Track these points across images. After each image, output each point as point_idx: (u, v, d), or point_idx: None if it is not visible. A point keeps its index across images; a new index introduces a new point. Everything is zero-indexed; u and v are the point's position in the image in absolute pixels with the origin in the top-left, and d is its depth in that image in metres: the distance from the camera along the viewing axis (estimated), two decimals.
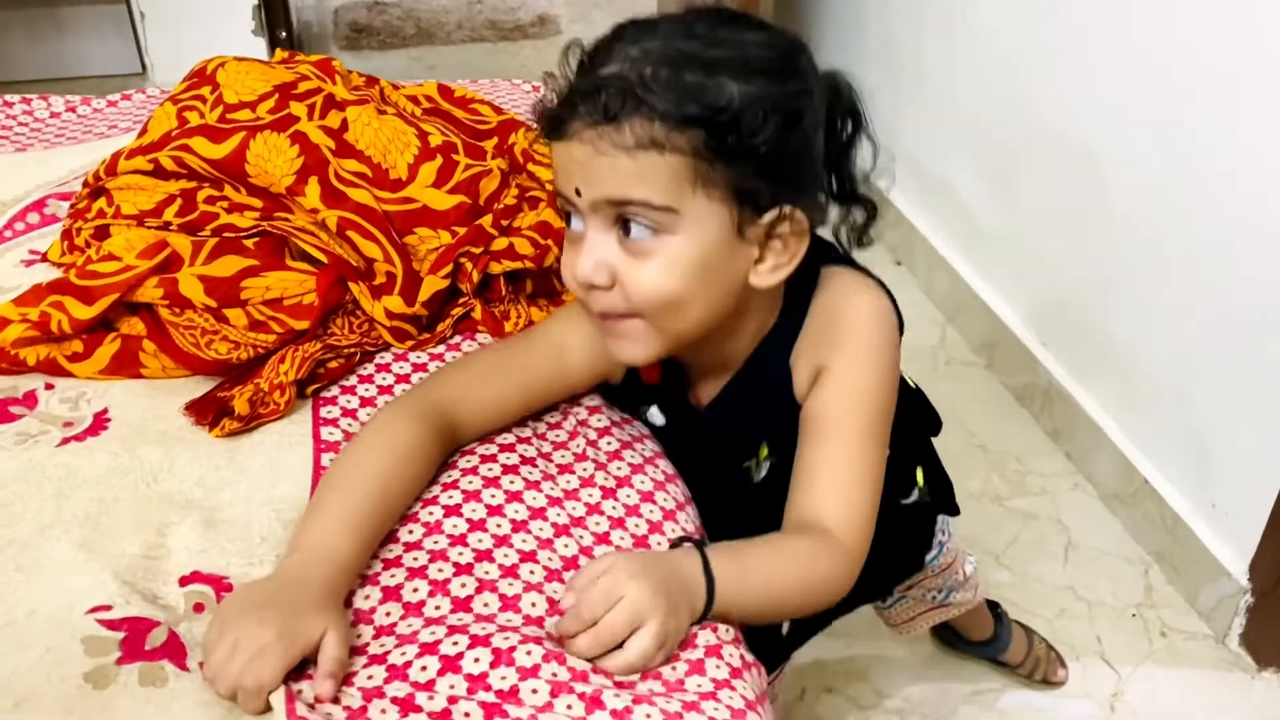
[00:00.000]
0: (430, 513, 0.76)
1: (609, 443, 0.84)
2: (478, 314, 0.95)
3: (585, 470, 0.81)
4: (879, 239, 0.84)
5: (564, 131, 0.70)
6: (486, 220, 0.99)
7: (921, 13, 2.05)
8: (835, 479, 0.76)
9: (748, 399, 0.83)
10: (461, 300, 0.96)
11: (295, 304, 0.89)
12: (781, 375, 0.80)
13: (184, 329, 0.87)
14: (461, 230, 0.98)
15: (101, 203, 0.98)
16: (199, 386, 0.87)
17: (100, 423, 0.82)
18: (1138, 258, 1.55)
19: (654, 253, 0.71)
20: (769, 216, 0.73)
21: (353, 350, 0.90)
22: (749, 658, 0.69)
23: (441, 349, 0.94)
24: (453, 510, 0.75)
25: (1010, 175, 1.86)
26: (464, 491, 0.77)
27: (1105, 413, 1.68)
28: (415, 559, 0.72)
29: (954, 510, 1.09)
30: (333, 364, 0.88)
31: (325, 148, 0.98)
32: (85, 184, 1.03)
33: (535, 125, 0.75)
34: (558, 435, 0.85)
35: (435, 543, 0.73)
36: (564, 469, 0.81)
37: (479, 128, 1.14)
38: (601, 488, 0.79)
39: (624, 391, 0.89)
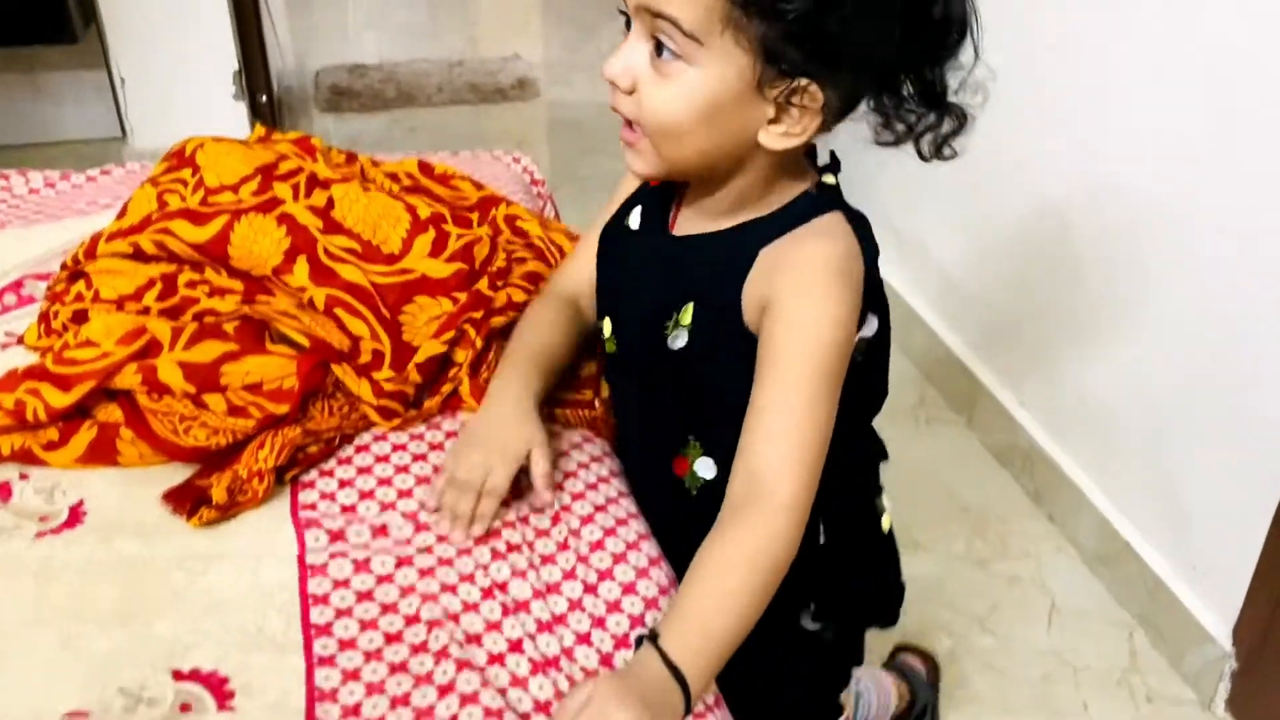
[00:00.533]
0: (410, 604, 0.75)
1: (592, 531, 0.84)
2: (465, 389, 0.95)
3: (567, 562, 0.81)
4: None
5: None
6: (483, 284, 1.00)
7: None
8: (781, 428, 0.75)
9: (705, 257, 0.84)
10: (451, 374, 0.97)
11: (275, 388, 0.89)
12: (743, 262, 0.81)
13: (162, 415, 0.87)
14: (462, 296, 0.98)
15: (80, 285, 0.98)
16: (176, 474, 0.86)
17: (76, 515, 0.81)
18: (1111, 318, 1.57)
19: (673, 76, 0.75)
20: (789, 83, 0.74)
21: (332, 434, 0.89)
22: None
23: (422, 428, 0.93)
24: (430, 597, 0.75)
25: (985, 233, 1.88)
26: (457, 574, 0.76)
27: (1085, 474, 1.69)
28: (396, 652, 0.71)
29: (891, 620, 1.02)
30: (312, 449, 0.88)
31: (313, 227, 0.98)
32: (64, 266, 1.03)
33: None
34: (540, 522, 0.85)
35: (416, 635, 0.73)
36: (546, 559, 0.81)
37: (460, 204, 1.15)
38: (584, 582, 0.79)
39: (624, 207, 0.94)
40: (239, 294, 0.95)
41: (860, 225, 0.83)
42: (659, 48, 0.75)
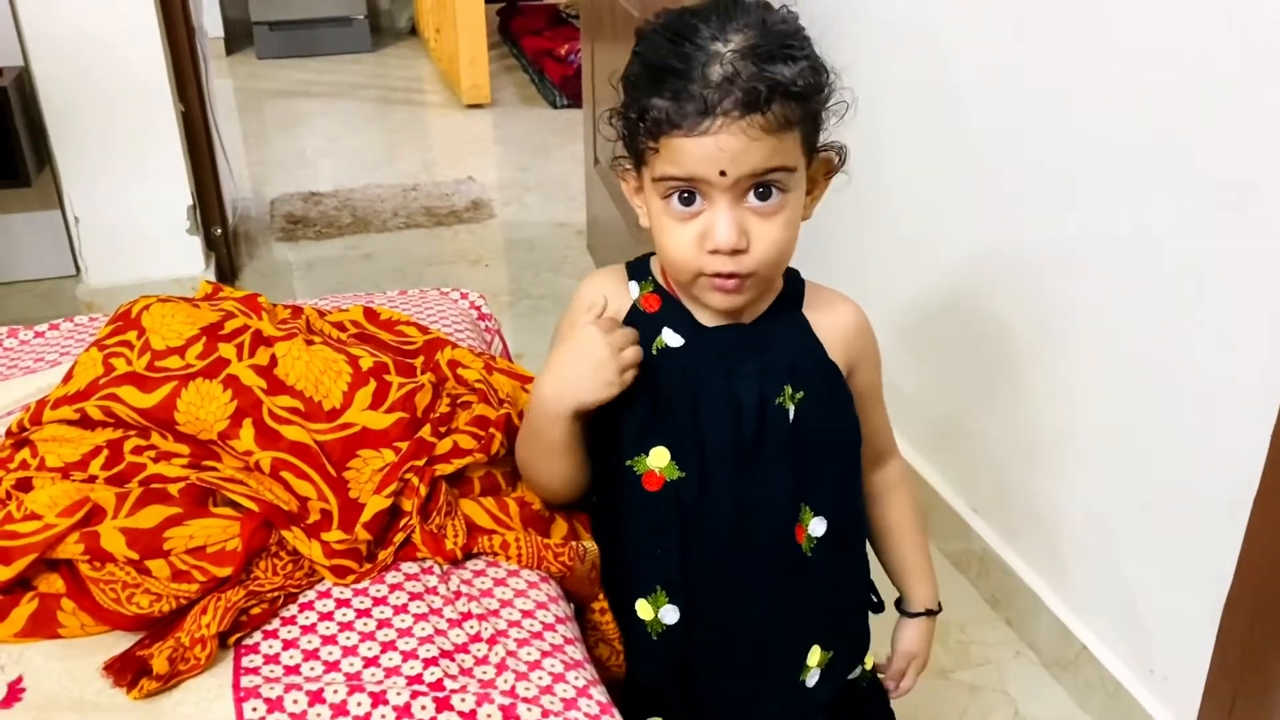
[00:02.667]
0: None
1: (540, 677, 0.84)
2: (417, 536, 0.96)
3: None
4: None
5: (706, 128, 0.81)
6: (425, 431, 1.01)
7: (833, 199, 2.16)
8: (885, 416, 1.09)
9: (776, 336, 0.96)
10: (402, 524, 0.97)
11: (218, 550, 0.89)
12: (806, 331, 0.97)
13: (104, 584, 0.87)
14: (404, 446, 1.00)
15: (25, 453, 0.98)
16: (119, 643, 0.86)
17: (14, 693, 0.80)
18: (1057, 421, 1.61)
19: (781, 209, 0.86)
20: (818, 157, 0.90)
21: (276, 594, 0.90)
22: None
23: (366, 583, 0.94)
24: None
25: (928, 342, 1.93)
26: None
27: (1040, 578, 1.71)
28: None
29: None
30: (255, 610, 0.88)
31: (257, 388, 1.00)
32: (9, 433, 1.03)
33: (647, 122, 0.84)
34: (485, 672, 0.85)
35: None
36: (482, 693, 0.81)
37: (405, 348, 1.17)
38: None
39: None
40: (186, 458, 0.96)
41: None
42: (763, 196, 0.85)
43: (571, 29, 4.93)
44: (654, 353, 0.95)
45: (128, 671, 0.82)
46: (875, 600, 1.11)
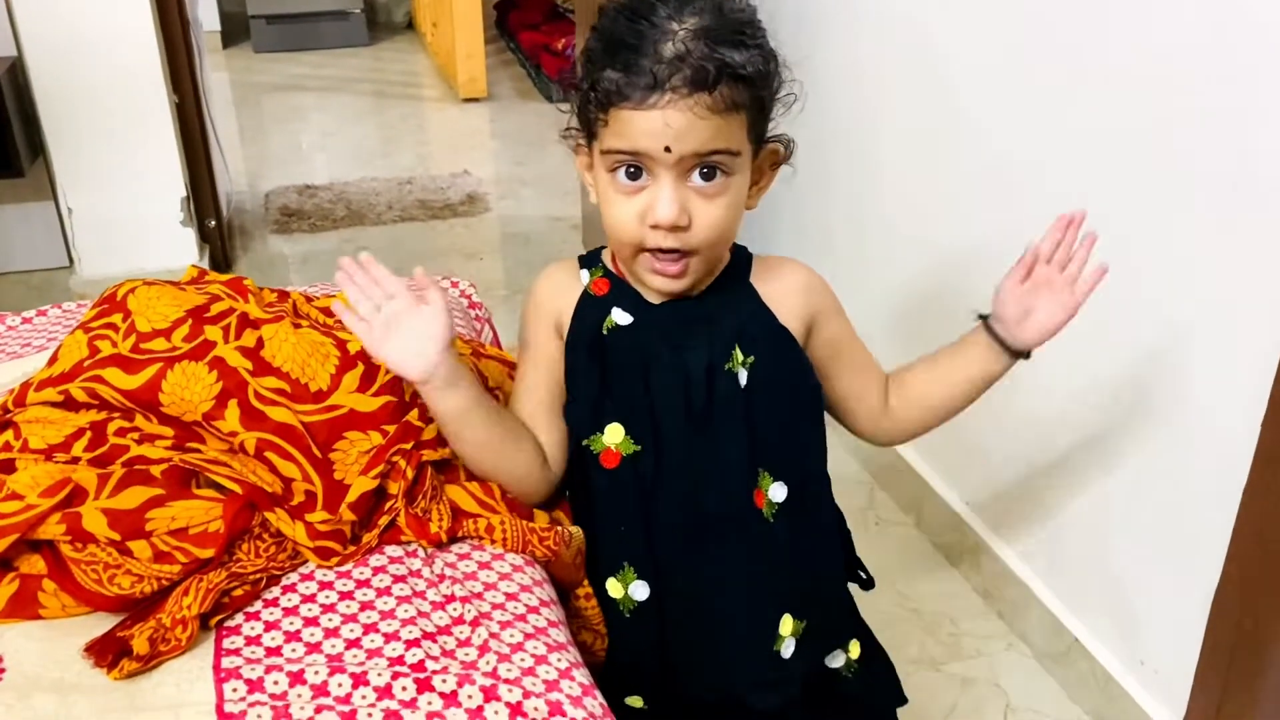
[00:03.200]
0: None
1: (523, 659, 0.83)
2: (402, 519, 0.96)
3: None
4: None
5: (654, 102, 0.83)
6: (413, 415, 1.01)
7: (828, 197, 2.16)
8: (871, 359, 1.09)
9: (723, 307, 0.98)
10: (387, 506, 0.97)
11: (200, 532, 0.89)
12: (755, 301, 0.99)
13: (86, 565, 0.86)
14: (391, 429, 0.99)
15: (9, 435, 0.98)
16: (99, 623, 0.85)
17: None
18: (1050, 415, 1.60)
19: (723, 191, 0.89)
20: (766, 148, 0.92)
21: (259, 576, 0.89)
22: None
23: (350, 565, 0.93)
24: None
25: (923, 334, 1.91)
26: None
27: (1032, 571, 1.71)
28: None
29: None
30: (237, 592, 0.88)
31: (243, 369, 1.00)
32: None
33: (597, 94, 0.87)
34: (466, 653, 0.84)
35: None
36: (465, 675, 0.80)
37: None
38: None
39: (583, 321, 0.99)
40: (169, 439, 0.95)
41: None
42: (707, 177, 0.87)
43: (569, 23, 4.92)
44: (604, 332, 0.97)
45: (108, 652, 0.81)
46: (864, 577, 1.11)
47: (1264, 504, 1.24)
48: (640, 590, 0.97)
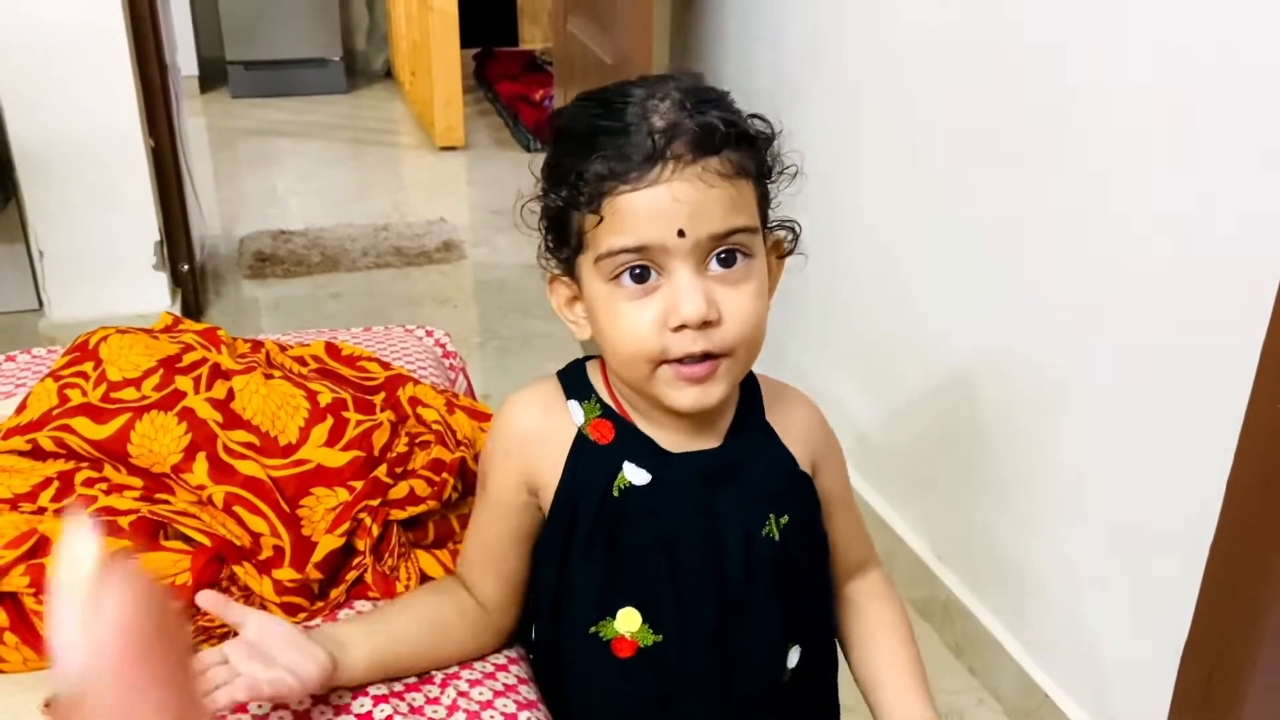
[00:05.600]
0: None
1: (481, 692, 0.83)
2: (369, 576, 0.95)
3: None
4: None
5: (656, 176, 0.72)
6: (381, 470, 1.00)
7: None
8: (859, 521, 0.97)
9: (748, 455, 0.85)
10: (355, 562, 0.96)
11: (168, 584, 0.88)
12: (769, 435, 0.86)
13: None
14: (358, 485, 0.99)
15: None
16: None
17: None
18: (1019, 470, 1.62)
19: (747, 277, 0.76)
20: (773, 236, 0.82)
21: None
22: None
23: (319, 620, 0.92)
24: None
25: (893, 387, 1.94)
26: None
27: (1003, 626, 1.71)
28: None
29: None
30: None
31: (213, 421, 0.99)
32: None
33: (585, 188, 0.74)
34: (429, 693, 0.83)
35: None
36: None
37: (366, 385, 1.16)
38: None
39: (580, 477, 0.82)
40: (138, 490, 0.94)
41: None
42: (726, 262, 0.75)
43: (546, 75, 4.98)
44: (615, 494, 0.81)
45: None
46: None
47: (1232, 556, 1.25)
48: None
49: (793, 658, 0.88)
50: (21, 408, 1.04)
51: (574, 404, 0.84)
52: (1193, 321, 1.27)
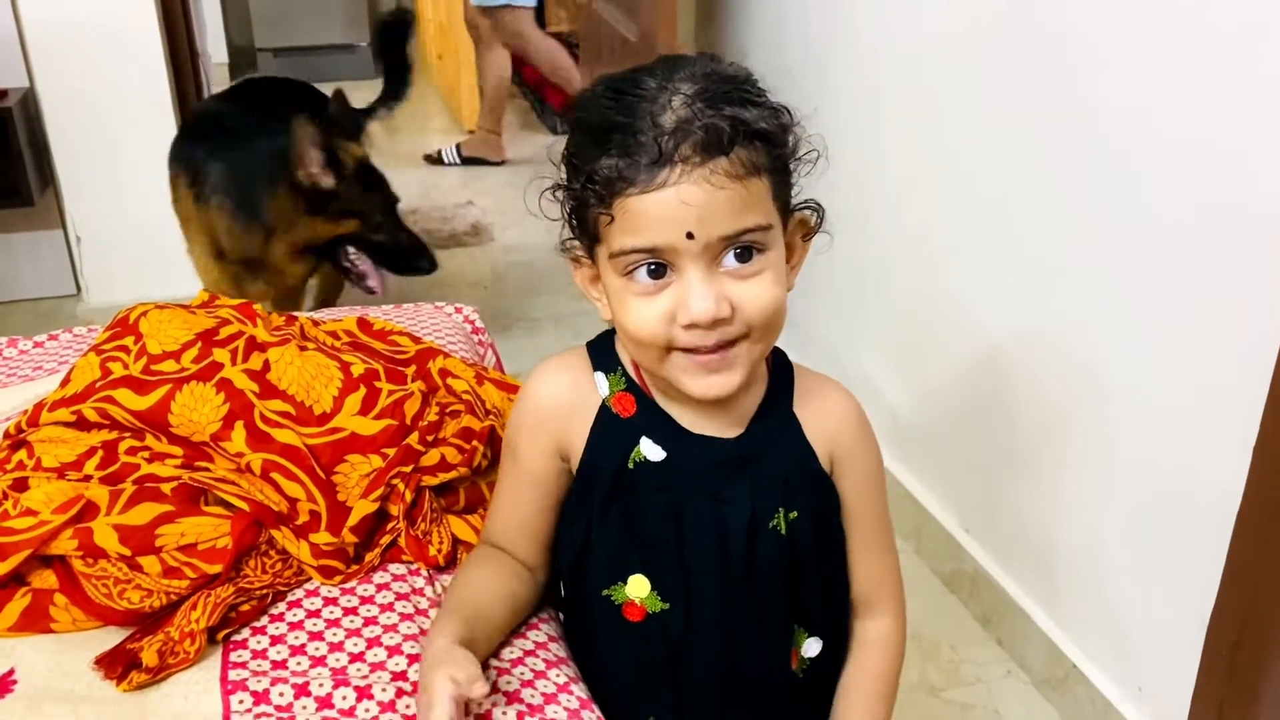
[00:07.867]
0: None
1: (522, 672, 0.85)
2: (403, 540, 0.98)
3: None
4: None
5: (664, 179, 0.71)
6: (413, 438, 1.02)
7: (828, 207, 2.19)
8: (882, 555, 0.91)
9: (767, 448, 0.85)
10: (390, 527, 0.99)
11: (209, 548, 0.91)
12: (794, 428, 0.86)
13: (96, 579, 0.88)
14: (391, 452, 1.01)
15: (22, 454, 1.00)
16: (110, 637, 0.87)
17: (5, 685, 0.82)
18: (1048, 444, 1.62)
19: (762, 269, 0.76)
20: (795, 218, 0.80)
21: (265, 591, 0.91)
22: None
23: (354, 582, 0.95)
24: None
25: (923, 363, 1.94)
26: None
27: (1030, 598, 1.71)
28: None
29: None
30: (244, 607, 0.89)
31: (250, 392, 1.02)
32: (6, 434, 1.05)
33: (597, 187, 0.74)
34: None
35: None
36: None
37: (397, 358, 1.19)
38: None
39: (601, 447, 0.84)
40: (179, 459, 0.97)
41: None
42: (742, 258, 0.75)
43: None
44: (630, 466, 0.83)
45: (118, 665, 0.83)
46: None
47: (1258, 527, 1.25)
48: None
49: (811, 648, 0.90)
50: (66, 381, 1.07)
51: (600, 376, 0.86)
52: (1222, 300, 1.27)
